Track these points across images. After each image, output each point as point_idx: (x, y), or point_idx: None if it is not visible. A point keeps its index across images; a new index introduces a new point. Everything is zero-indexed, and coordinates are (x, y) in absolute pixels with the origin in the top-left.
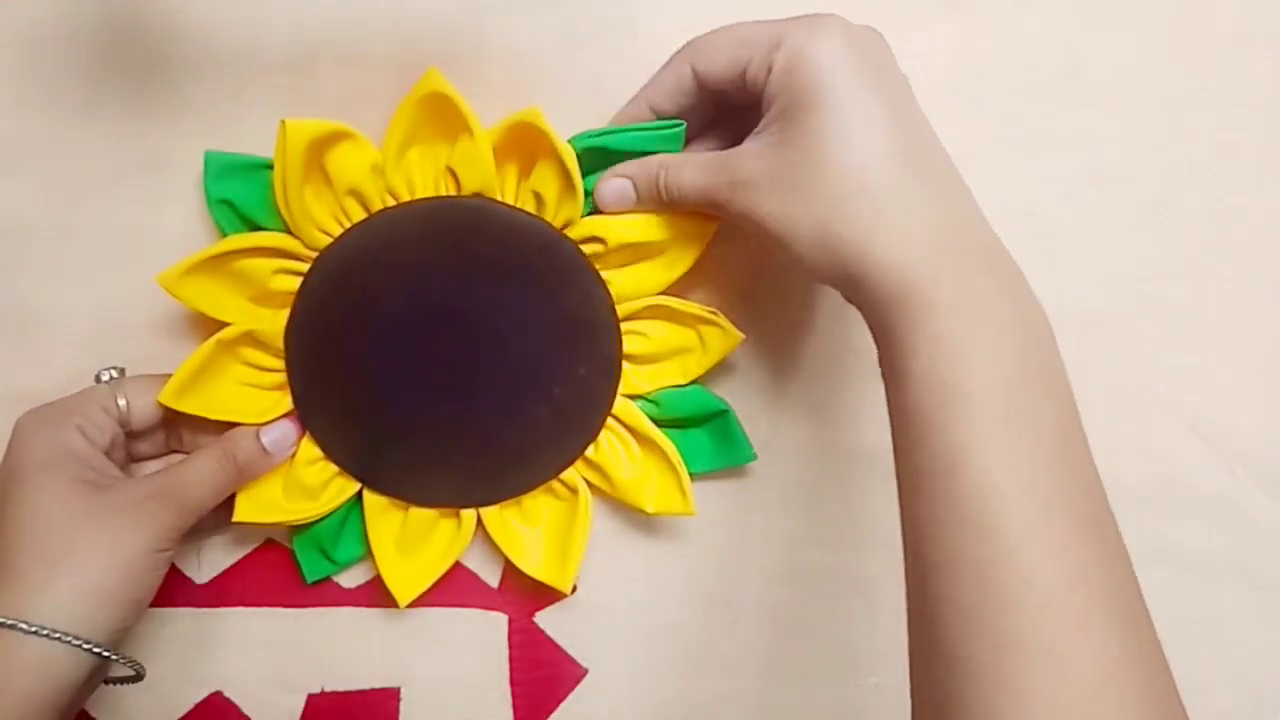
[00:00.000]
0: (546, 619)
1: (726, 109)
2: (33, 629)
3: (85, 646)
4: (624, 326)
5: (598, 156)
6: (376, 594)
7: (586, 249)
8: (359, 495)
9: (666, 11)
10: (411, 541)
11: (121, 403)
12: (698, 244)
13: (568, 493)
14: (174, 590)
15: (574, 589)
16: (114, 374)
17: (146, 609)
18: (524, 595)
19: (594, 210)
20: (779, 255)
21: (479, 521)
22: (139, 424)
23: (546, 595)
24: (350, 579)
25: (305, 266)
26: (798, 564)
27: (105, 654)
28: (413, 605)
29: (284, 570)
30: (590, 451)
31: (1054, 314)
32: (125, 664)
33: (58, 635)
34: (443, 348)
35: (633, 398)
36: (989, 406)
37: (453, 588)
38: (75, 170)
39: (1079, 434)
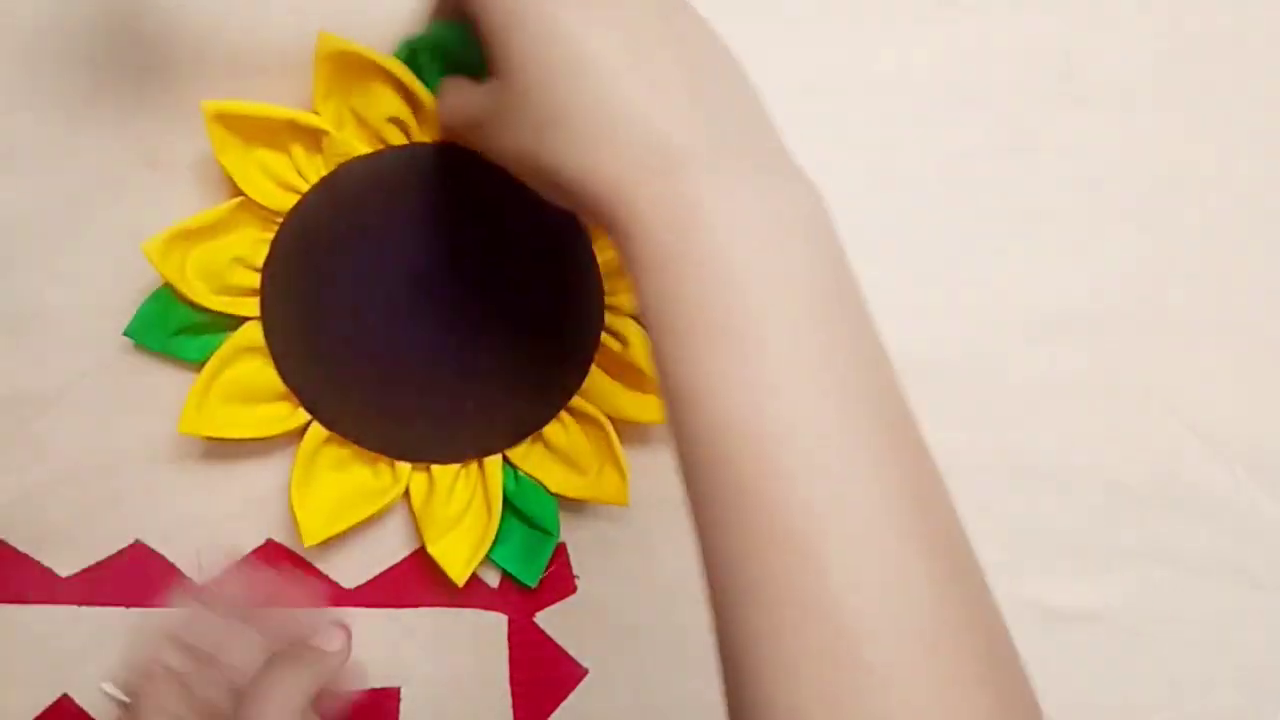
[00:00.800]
0: (546, 619)
1: None
2: None
3: None
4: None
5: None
6: (377, 594)
7: None
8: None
9: None
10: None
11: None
12: None
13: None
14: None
15: (575, 588)
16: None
17: None
18: (524, 595)
19: None
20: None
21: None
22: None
23: (546, 595)
24: (350, 579)
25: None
26: None
27: None
28: (412, 605)
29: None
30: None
31: (1054, 314)
32: None
33: None
34: (423, 295)
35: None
36: (775, 353)
37: (453, 587)
38: (75, 170)
39: (890, 375)
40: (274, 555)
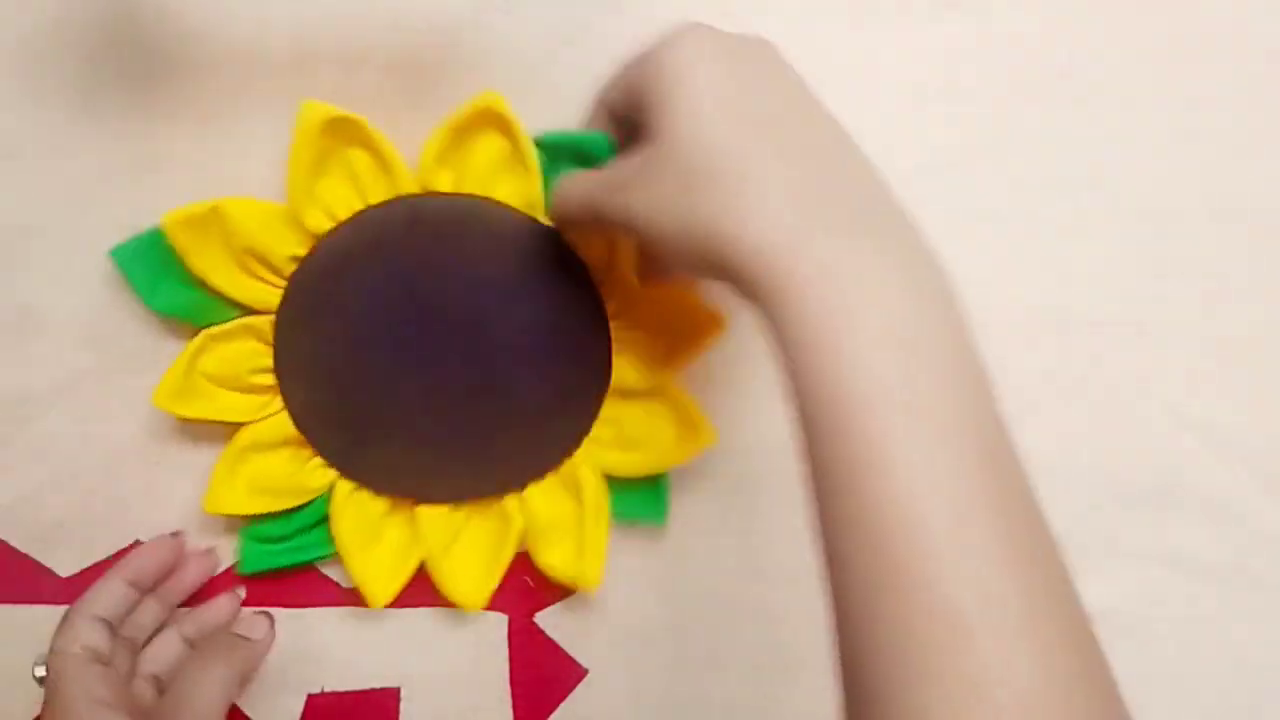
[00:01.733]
0: (546, 619)
1: None
2: None
3: None
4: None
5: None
6: None
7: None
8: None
9: (664, 12)
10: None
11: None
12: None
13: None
14: None
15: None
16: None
17: None
18: (524, 595)
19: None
20: (667, 263)
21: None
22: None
23: (546, 595)
24: (350, 578)
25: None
26: (797, 564)
27: None
28: (412, 605)
29: (283, 570)
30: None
31: (1053, 314)
32: None
33: None
34: (434, 341)
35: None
36: (887, 397)
37: None
38: (74, 170)
39: (994, 414)
40: None
